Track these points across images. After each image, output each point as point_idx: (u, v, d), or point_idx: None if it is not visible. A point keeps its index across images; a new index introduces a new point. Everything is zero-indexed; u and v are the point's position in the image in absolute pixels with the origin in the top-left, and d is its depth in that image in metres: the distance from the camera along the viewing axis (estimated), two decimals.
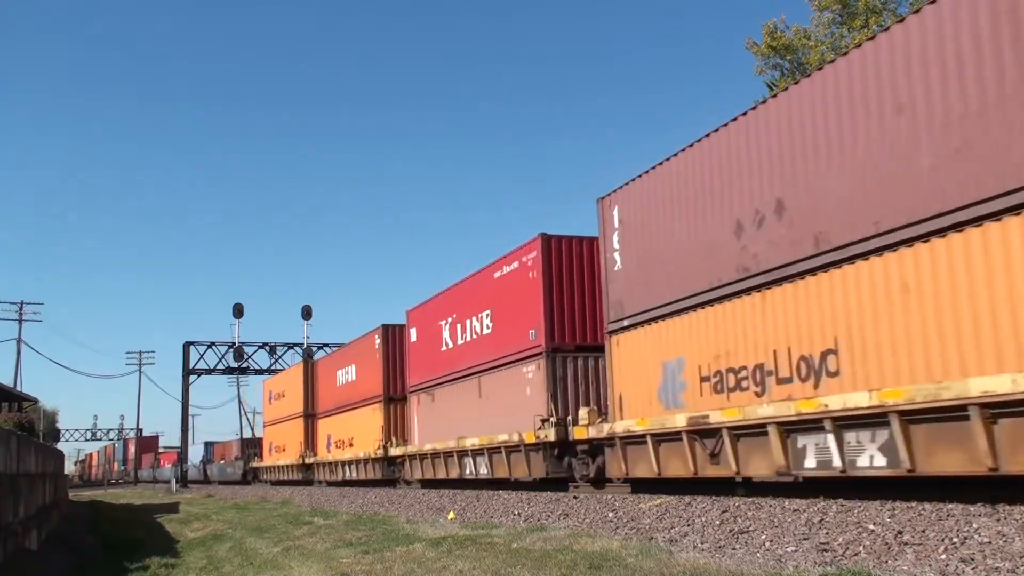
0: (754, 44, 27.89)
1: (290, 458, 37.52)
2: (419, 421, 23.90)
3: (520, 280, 17.95)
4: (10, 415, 36.97)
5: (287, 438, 38.59)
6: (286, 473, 39.38)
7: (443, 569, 8.33)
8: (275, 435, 41.81)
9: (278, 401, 41.34)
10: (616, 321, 14.49)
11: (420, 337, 24.32)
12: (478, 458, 19.74)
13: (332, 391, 32.57)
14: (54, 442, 70.48)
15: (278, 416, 40.80)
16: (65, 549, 14.35)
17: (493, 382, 19.26)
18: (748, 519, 9.23)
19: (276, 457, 41.09)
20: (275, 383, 43.37)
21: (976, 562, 6.13)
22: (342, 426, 30.78)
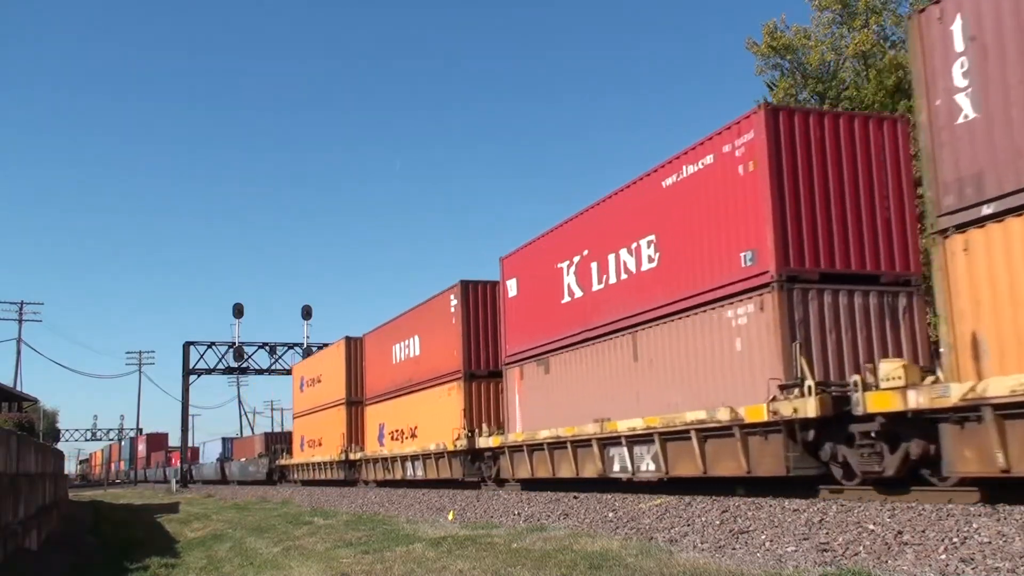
0: (754, 44, 27.85)
1: (328, 454, 32.13)
2: (523, 401, 18.48)
3: (719, 179, 12.38)
4: (10, 415, 36.99)
5: (324, 430, 33.30)
6: (323, 471, 33.59)
7: (443, 569, 8.33)
8: (308, 427, 36.17)
9: (312, 388, 35.98)
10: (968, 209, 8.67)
11: (524, 290, 18.87)
12: (638, 448, 14.00)
13: (386, 371, 26.95)
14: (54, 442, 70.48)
15: (312, 405, 35.39)
16: (65, 549, 14.35)
17: (664, 336, 13.47)
18: (748, 519, 9.23)
19: (309, 453, 35.61)
20: (307, 367, 38.04)
21: (976, 562, 6.13)
22: (401, 413, 25.33)
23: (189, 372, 54.39)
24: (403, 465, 25.32)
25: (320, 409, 33.93)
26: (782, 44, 27.17)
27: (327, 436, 32.82)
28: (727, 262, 12.16)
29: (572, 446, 15.90)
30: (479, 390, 21.04)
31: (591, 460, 15.32)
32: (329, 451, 32.12)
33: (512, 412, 18.91)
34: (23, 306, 67.94)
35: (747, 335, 11.74)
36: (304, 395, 37.28)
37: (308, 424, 36.19)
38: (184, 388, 55.01)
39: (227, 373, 56.61)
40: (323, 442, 33.41)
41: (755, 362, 11.52)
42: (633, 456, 14.09)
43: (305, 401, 36.99)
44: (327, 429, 32.77)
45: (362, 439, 29.49)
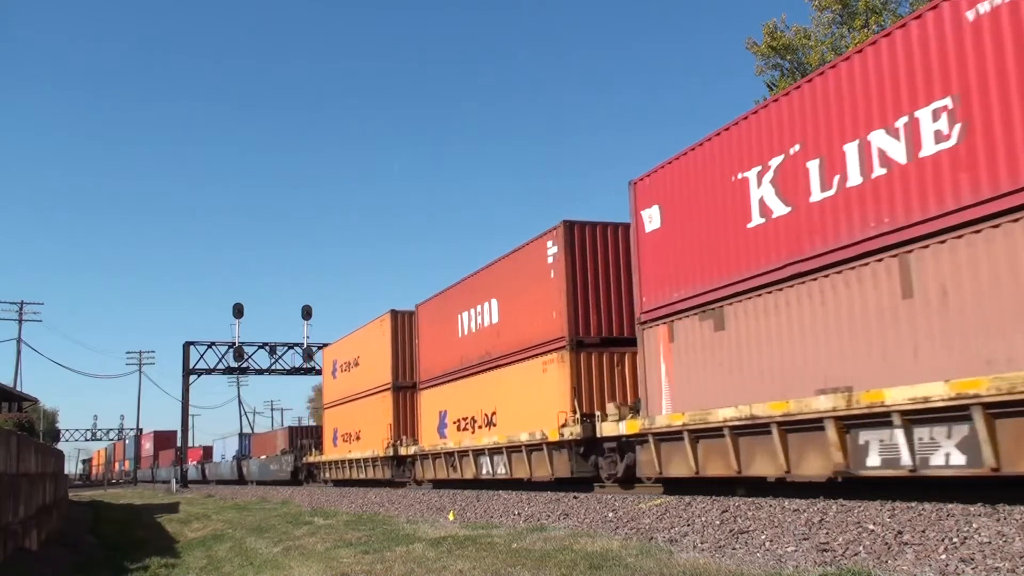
0: (754, 44, 27.90)
1: (370, 448, 27.77)
2: (673, 371, 13.36)
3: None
4: (10, 415, 36.97)
5: (363, 421, 28.87)
6: (362, 470, 29.06)
7: (443, 569, 8.33)
8: (342, 419, 31.63)
9: (347, 373, 31.42)
10: None
11: (673, 219, 13.72)
12: (923, 429, 9.00)
13: (448, 347, 22.32)
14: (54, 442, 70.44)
15: (347, 393, 30.99)
16: (65, 549, 14.35)
17: (967, 255, 8.73)
18: (748, 519, 9.24)
19: (344, 449, 31.03)
20: (341, 349, 32.81)
21: (976, 562, 6.13)
22: (473, 396, 20.74)
23: (189, 372, 54.37)
24: (476, 461, 20.36)
25: (358, 397, 29.47)
26: (782, 44, 27.21)
27: (368, 428, 28.27)
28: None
29: (780, 430, 10.94)
30: (588, 363, 16.47)
31: (820, 449, 10.35)
32: (371, 445, 27.65)
33: (656, 387, 13.81)
34: (23, 306, 67.91)
35: None
36: (337, 382, 32.74)
37: (343, 415, 31.43)
38: (184, 388, 54.99)
39: (227, 373, 56.58)
40: (362, 435, 29.13)
41: None
42: (913, 441, 9.16)
43: (338, 388, 32.42)
44: (368, 420, 28.23)
45: (415, 430, 24.87)
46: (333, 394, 33.59)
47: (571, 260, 16.75)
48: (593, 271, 16.92)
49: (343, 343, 32.87)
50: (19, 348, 66.19)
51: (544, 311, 17.37)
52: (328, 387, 34.71)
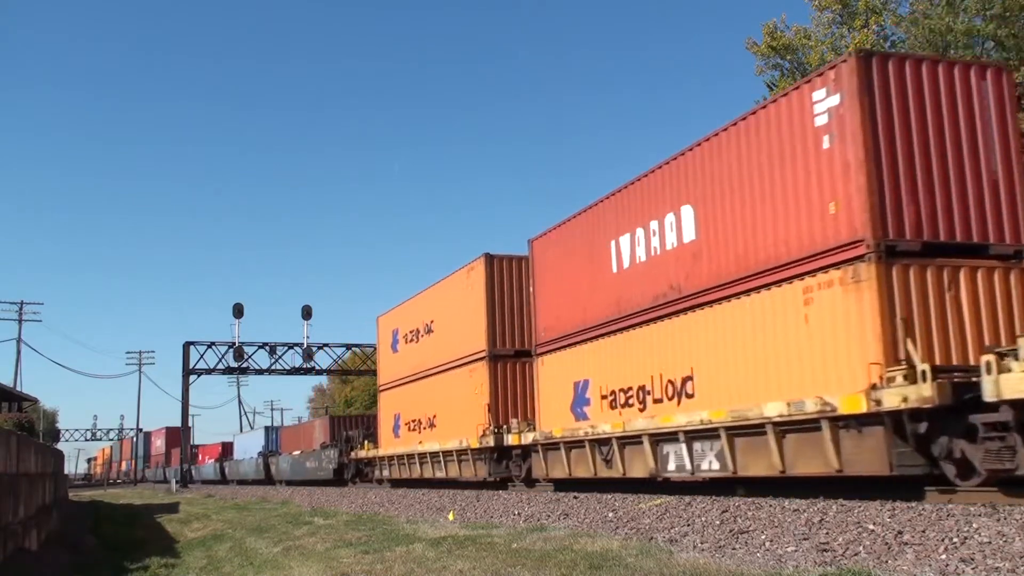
0: (754, 44, 27.88)
1: (456, 438, 21.09)
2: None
3: None
4: (10, 415, 36.97)
5: (443, 403, 22.46)
6: (442, 466, 22.48)
7: (443, 569, 8.33)
8: (408, 402, 25.21)
9: (414, 344, 24.96)
10: None
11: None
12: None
13: (594, 291, 15.74)
14: (54, 442, 70.44)
15: (416, 368, 24.52)
16: (65, 549, 14.35)
17: None
18: (748, 519, 9.23)
19: (412, 439, 24.51)
20: (406, 313, 26.02)
21: (976, 562, 6.13)
22: (641, 358, 14.41)
23: (189, 372, 54.38)
24: (659, 452, 13.81)
25: (433, 372, 23.19)
26: (782, 44, 27.20)
27: (449, 412, 21.92)
28: None
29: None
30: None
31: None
32: (455, 434, 21.29)
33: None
34: (23, 306, 68.02)
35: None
36: (398, 356, 26.38)
37: (408, 397, 25.14)
38: (184, 388, 55.02)
39: (227, 373, 56.62)
40: (439, 421, 22.84)
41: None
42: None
43: (401, 364, 26.05)
44: (449, 401, 21.92)
45: (526, 411, 19.14)
46: (393, 372, 26.99)
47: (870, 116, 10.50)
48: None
49: (409, 305, 26.01)
50: (19, 348, 66.31)
51: (816, 197, 10.92)
52: (385, 364, 28.13)
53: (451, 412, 21.99)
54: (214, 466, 62.24)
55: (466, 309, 21.15)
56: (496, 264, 20.54)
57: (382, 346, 28.75)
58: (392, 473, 27.11)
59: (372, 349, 58.77)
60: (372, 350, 58.73)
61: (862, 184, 10.19)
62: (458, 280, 22.03)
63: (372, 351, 58.68)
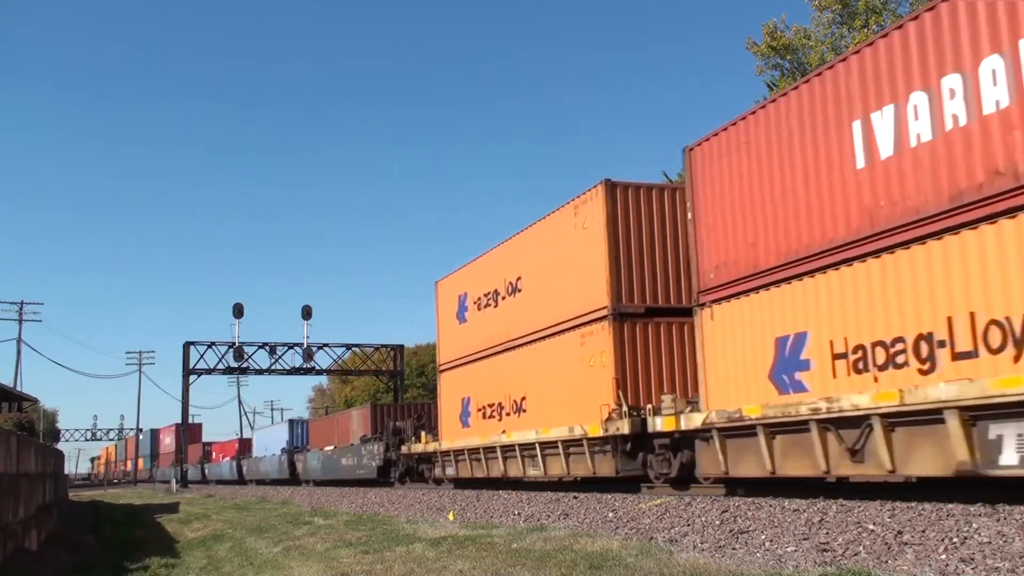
0: (754, 44, 27.93)
1: (562, 424, 16.25)
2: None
3: None
4: (10, 415, 36.96)
5: (536, 382, 17.78)
6: (539, 462, 17.43)
7: (443, 569, 8.33)
8: (480, 383, 20.51)
9: (491, 309, 20.04)
10: None
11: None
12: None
13: (813, 201, 10.98)
14: (54, 442, 70.44)
15: (497, 339, 19.54)
16: (65, 549, 14.35)
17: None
18: (748, 519, 9.24)
19: (490, 429, 19.53)
20: (477, 273, 21.10)
21: (976, 562, 6.13)
22: (946, 288, 9.01)
23: (189, 372, 54.36)
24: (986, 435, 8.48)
25: (524, 342, 18.20)
26: (782, 44, 27.26)
27: (548, 392, 17.12)
28: None
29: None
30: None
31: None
32: (563, 418, 16.23)
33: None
34: (23, 306, 67.89)
35: None
36: (469, 327, 21.21)
37: (483, 376, 20.15)
38: (184, 388, 54.98)
39: (227, 373, 56.52)
40: (531, 404, 17.91)
41: None
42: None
43: (473, 336, 20.86)
44: (549, 378, 17.11)
45: (678, 386, 14.86)
46: (459, 346, 21.87)
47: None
48: None
49: (483, 263, 20.89)
50: (19, 348, 66.24)
51: None
52: (447, 338, 23.01)
53: (550, 392, 17.09)
54: (230, 465, 57.48)
55: (574, 257, 16.43)
56: (620, 195, 15.60)
57: (443, 317, 23.40)
58: (460, 471, 21.37)
59: (372, 349, 59.01)
60: (372, 350, 58.99)
61: None
62: (559, 222, 17.05)
63: (372, 351, 58.93)
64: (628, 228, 15.61)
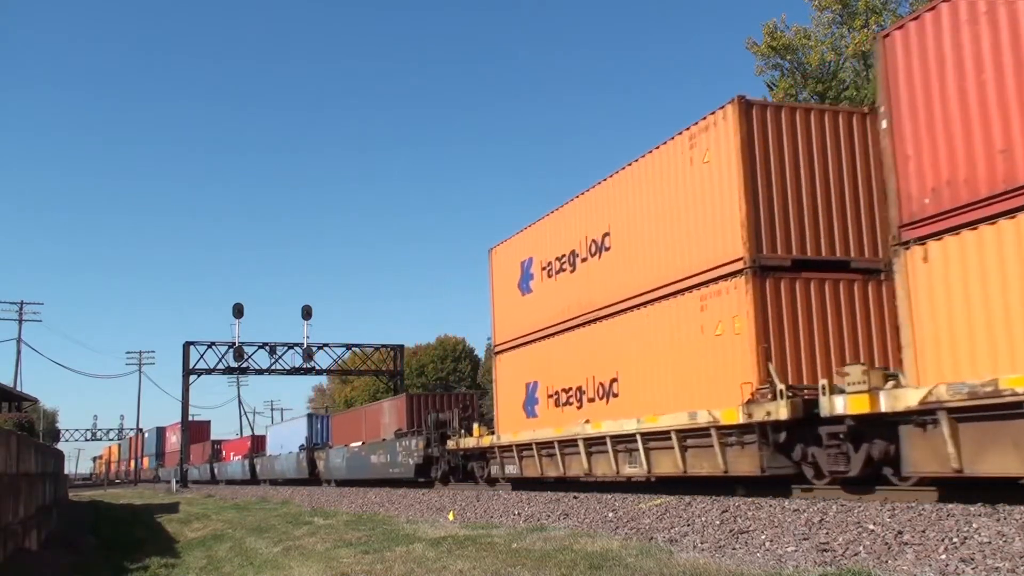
0: (754, 44, 27.93)
1: (677, 410, 13.01)
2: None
3: None
4: (10, 415, 36.94)
5: (633, 358, 14.42)
6: (640, 457, 13.95)
7: (443, 569, 8.33)
8: (552, 364, 17.16)
9: (567, 275, 16.81)
10: None
11: None
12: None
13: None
14: (54, 442, 70.44)
15: (571, 313, 16.47)
16: (65, 549, 14.35)
17: None
18: (748, 519, 9.24)
19: (564, 418, 16.34)
20: (549, 232, 17.68)
21: (976, 562, 6.13)
22: None
23: (189, 372, 54.38)
24: None
25: (615, 311, 14.94)
26: (782, 44, 27.25)
27: (652, 371, 13.87)
28: None
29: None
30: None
31: None
32: (681, 402, 13.04)
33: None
34: (23, 306, 67.93)
35: None
36: (536, 298, 18.02)
37: (559, 356, 16.86)
38: (184, 388, 55.03)
39: (227, 373, 56.54)
40: (625, 387, 14.63)
41: None
42: None
43: (542, 308, 17.63)
44: (654, 352, 13.84)
45: (833, 357, 11.99)
46: (521, 323, 18.60)
47: None
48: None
49: (555, 219, 17.45)
50: (19, 348, 66.25)
51: None
52: (506, 313, 19.58)
53: (654, 371, 13.85)
54: (242, 464, 53.70)
55: (690, 200, 13.25)
56: (758, 117, 12.46)
57: (500, 289, 20.05)
58: (525, 469, 18.05)
59: (372, 349, 59.04)
60: (372, 350, 58.97)
61: None
62: (667, 158, 13.86)
63: (372, 351, 58.91)
64: (768, 160, 12.33)
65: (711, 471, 12.67)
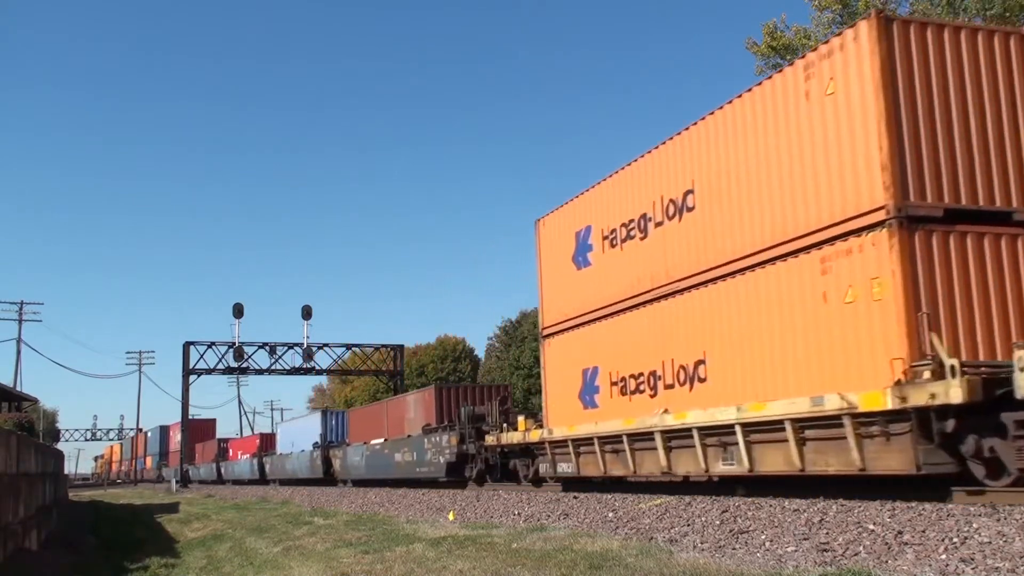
0: (754, 44, 27.91)
1: (795, 395, 10.78)
2: None
3: None
4: (10, 415, 36.96)
5: (727, 335, 12.28)
6: (739, 452, 11.74)
7: (443, 569, 8.33)
8: (617, 347, 15.02)
9: (637, 243, 14.64)
10: None
11: None
12: None
13: None
14: (54, 442, 70.51)
15: (643, 286, 14.32)
16: (65, 549, 14.36)
17: None
18: (748, 519, 9.24)
19: (633, 408, 14.27)
20: (611, 195, 15.55)
21: (976, 562, 6.13)
22: None
23: (189, 372, 54.42)
24: None
25: (704, 280, 12.91)
26: (782, 44, 27.22)
27: (756, 350, 11.77)
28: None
29: None
30: None
31: None
32: (799, 385, 10.89)
33: None
34: (23, 306, 68.08)
35: None
36: (595, 272, 15.94)
37: (626, 336, 14.74)
38: (184, 388, 55.08)
39: (227, 373, 56.63)
40: (715, 370, 12.69)
41: None
42: None
43: (602, 283, 15.58)
44: (756, 330, 11.78)
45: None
46: (577, 301, 16.43)
47: None
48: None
49: (618, 181, 15.39)
50: (19, 348, 66.37)
51: None
52: (557, 291, 17.42)
53: (757, 349, 11.76)
54: (250, 463, 51.12)
55: (806, 141, 11.15)
56: (900, 36, 10.38)
57: (549, 264, 17.83)
58: (584, 467, 15.93)
59: (372, 349, 59.08)
60: (372, 350, 59.01)
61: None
62: (775, 93, 11.84)
63: (372, 351, 58.94)
64: (913, 88, 10.23)
65: (841, 469, 10.38)
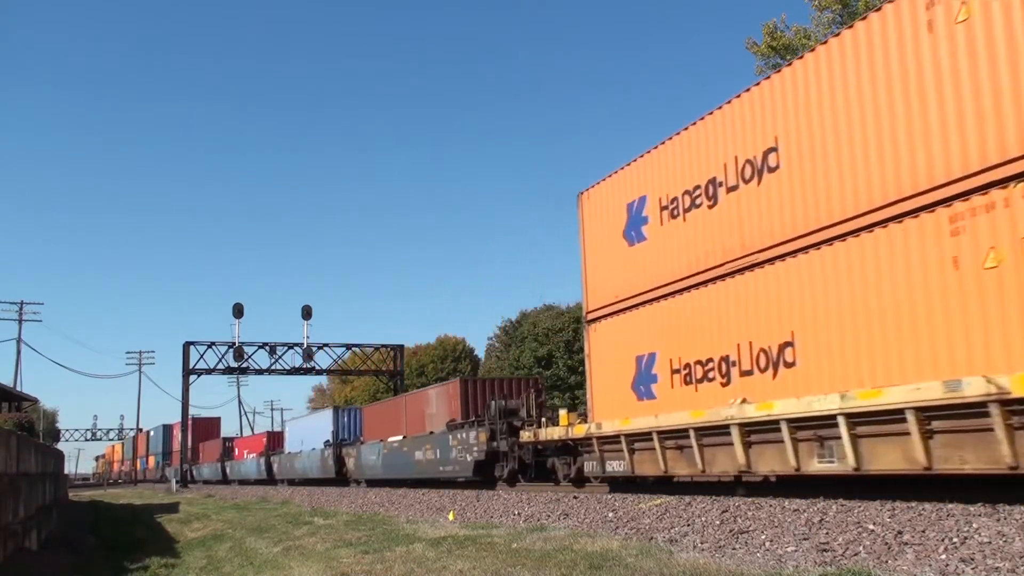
0: (754, 44, 27.93)
1: (927, 378, 8.92)
2: None
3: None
4: (10, 415, 36.97)
5: (814, 315, 10.71)
6: (843, 448, 9.85)
7: (443, 569, 8.34)
8: (677, 331, 13.38)
9: (703, 212, 12.97)
10: None
11: None
12: None
13: None
14: (54, 442, 70.50)
15: (710, 262, 12.74)
16: (65, 549, 14.35)
17: None
18: (748, 519, 9.24)
19: (699, 399, 12.67)
20: (667, 162, 13.92)
21: (976, 562, 6.13)
22: None
23: (189, 372, 54.41)
24: None
25: (792, 250, 11.18)
26: (782, 44, 27.25)
27: (861, 329, 10.05)
28: None
29: None
30: None
31: None
32: (922, 368, 9.16)
33: None
34: (23, 306, 68.01)
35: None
36: (652, 245, 14.33)
37: (691, 317, 13.17)
38: (184, 388, 55.05)
39: (227, 373, 56.58)
40: (805, 354, 10.89)
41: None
42: None
43: (666, 257, 13.91)
44: (861, 305, 10.07)
45: None
46: (630, 280, 14.87)
47: None
48: None
49: (679, 143, 13.80)
50: (19, 348, 66.32)
51: None
52: (605, 270, 15.74)
53: (863, 327, 10.09)
54: (257, 462, 49.18)
55: (928, 80, 9.51)
56: None
57: (595, 241, 16.15)
58: (639, 466, 14.20)
59: (372, 349, 59.06)
60: (372, 350, 58.99)
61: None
62: (885, 28, 10.49)
63: (372, 351, 58.93)
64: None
65: (982, 467, 8.59)
